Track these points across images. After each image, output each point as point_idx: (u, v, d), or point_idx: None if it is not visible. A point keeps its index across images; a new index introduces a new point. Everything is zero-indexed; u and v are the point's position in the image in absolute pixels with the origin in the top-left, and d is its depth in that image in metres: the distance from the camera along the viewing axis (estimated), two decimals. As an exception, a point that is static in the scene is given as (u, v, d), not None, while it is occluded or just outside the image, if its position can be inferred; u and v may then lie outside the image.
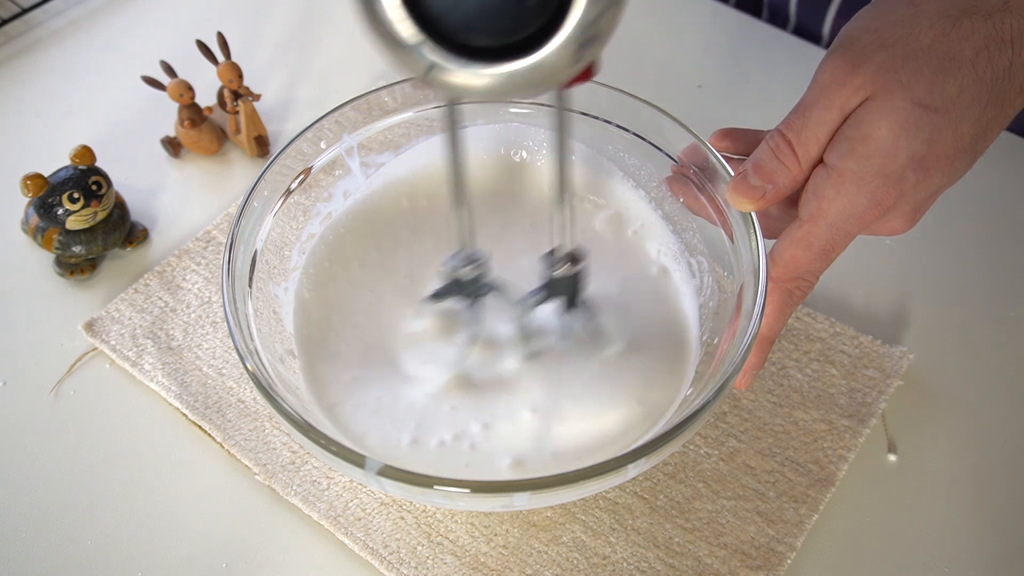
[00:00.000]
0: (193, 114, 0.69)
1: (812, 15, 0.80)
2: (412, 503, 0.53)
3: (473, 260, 0.46)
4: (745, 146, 0.50)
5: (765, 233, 0.48)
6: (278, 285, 0.53)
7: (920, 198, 0.44)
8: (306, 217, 0.56)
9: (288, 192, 0.54)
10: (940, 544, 0.52)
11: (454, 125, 0.41)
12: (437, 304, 0.49)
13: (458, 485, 0.41)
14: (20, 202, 0.64)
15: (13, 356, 0.60)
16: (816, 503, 0.52)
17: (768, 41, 0.80)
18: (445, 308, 0.51)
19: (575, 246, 0.46)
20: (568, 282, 0.47)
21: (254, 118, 0.70)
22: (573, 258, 0.46)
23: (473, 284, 0.47)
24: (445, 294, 0.48)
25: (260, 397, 0.48)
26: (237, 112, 0.69)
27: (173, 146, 0.72)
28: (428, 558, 0.51)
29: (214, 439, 0.56)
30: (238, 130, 0.70)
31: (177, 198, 0.69)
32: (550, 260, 0.46)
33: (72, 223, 0.61)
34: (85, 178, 0.61)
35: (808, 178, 0.45)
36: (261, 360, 0.47)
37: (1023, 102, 0.44)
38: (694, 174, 0.52)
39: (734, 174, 0.47)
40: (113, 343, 0.60)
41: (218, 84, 0.70)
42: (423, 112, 0.58)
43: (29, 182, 0.59)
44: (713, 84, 0.76)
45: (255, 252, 0.51)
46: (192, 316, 0.61)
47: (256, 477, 0.54)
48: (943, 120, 0.42)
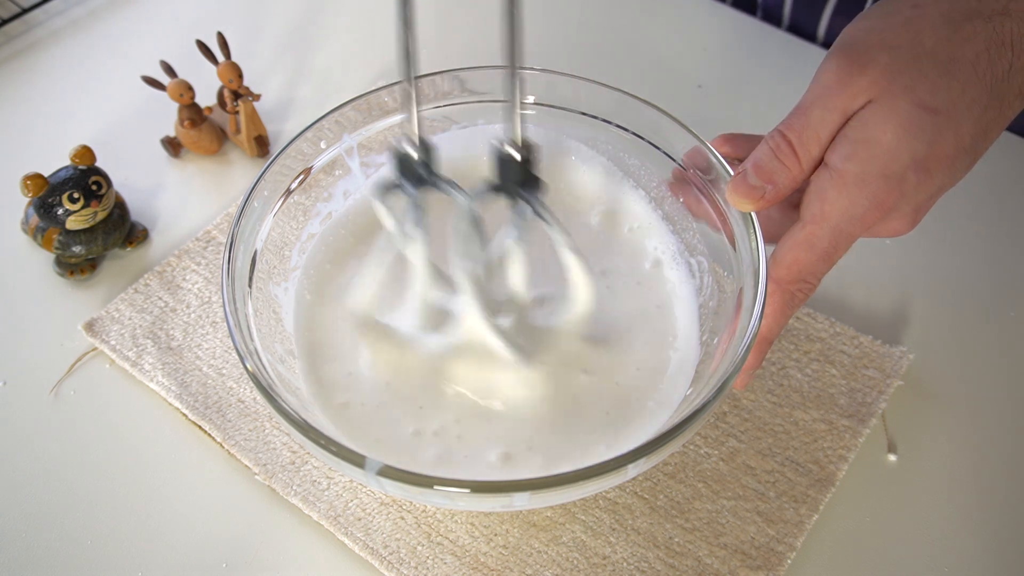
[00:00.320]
0: (193, 114, 0.69)
1: (807, 15, 0.80)
2: (412, 503, 0.53)
3: (423, 144, 0.46)
4: (747, 152, 0.50)
5: (766, 236, 0.47)
6: (278, 285, 0.53)
7: (921, 199, 0.44)
8: (306, 217, 0.56)
9: (288, 192, 0.54)
10: (940, 544, 0.52)
11: None
12: (384, 197, 0.49)
13: (458, 485, 0.41)
14: (20, 202, 0.64)
15: (13, 356, 0.60)
16: (816, 503, 0.52)
17: (768, 41, 0.80)
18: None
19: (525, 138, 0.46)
20: (518, 169, 0.47)
21: (254, 118, 0.70)
22: (525, 145, 0.46)
23: (422, 172, 0.47)
24: (393, 184, 0.48)
25: (260, 397, 0.48)
26: (237, 112, 0.69)
27: (173, 146, 0.72)
28: (428, 558, 0.51)
29: (214, 439, 0.56)
30: (238, 130, 0.70)
31: (177, 198, 0.69)
32: (499, 149, 0.46)
33: (72, 223, 0.61)
34: (85, 178, 0.61)
35: (808, 179, 0.45)
36: (261, 360, 0.47)
37: (1022, 104, 0.44)
38: (695, 175, 0.52)
39: (734, 174, 0.47)
40: (113, 343, 0.60)
41: (218, 84, 0.70)
42: (423, 112, 0.57)
43: (29, 182, 0.59)
44: (713, 84, 0.76)
45: (255, 252, 0.52)
46: (192, 316, 0.61)
47: (256, 477, 0.54)
48: (944, 121, 0.42)
